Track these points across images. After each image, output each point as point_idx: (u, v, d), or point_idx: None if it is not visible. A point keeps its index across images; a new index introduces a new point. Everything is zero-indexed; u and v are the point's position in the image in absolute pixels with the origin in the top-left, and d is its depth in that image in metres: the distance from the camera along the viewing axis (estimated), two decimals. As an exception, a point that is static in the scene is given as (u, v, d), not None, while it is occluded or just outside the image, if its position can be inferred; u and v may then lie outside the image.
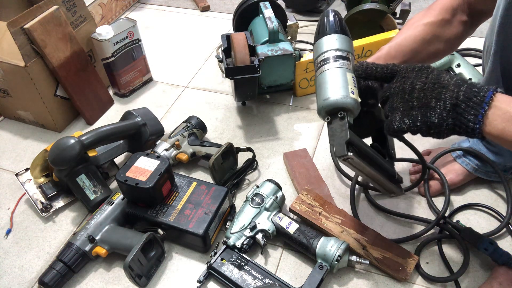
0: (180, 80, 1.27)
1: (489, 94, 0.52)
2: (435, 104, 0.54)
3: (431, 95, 0.54)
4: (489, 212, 0.85)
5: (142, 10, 1.65)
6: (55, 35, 0.99)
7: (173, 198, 0.82)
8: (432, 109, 0.54)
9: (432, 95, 0.54)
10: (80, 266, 0.77)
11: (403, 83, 0.57)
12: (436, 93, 0.54)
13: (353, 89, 0.60)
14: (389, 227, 0.83)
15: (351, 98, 0.59)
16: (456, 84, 0.54)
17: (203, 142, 0.97)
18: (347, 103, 0.59)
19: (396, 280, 0.75)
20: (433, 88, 0.55)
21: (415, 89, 0.56)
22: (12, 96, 1.06)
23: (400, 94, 0.57)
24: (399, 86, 0.57)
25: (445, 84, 0.54)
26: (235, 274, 0.73)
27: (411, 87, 0.56)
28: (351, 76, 0.60)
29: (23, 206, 0.92)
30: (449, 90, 0.54)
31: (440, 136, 0.56)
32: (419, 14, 0.78)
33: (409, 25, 0.77)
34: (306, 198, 0.83)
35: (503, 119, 0.51)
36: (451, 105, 0.53)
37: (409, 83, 0.57)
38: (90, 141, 0.84)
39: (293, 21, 1.17)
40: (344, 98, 0.58)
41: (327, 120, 0.61)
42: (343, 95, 0.58)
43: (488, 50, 0.72)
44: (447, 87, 0.54)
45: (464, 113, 0.52)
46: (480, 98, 0.52)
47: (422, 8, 1.51)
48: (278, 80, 1.10)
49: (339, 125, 0.60)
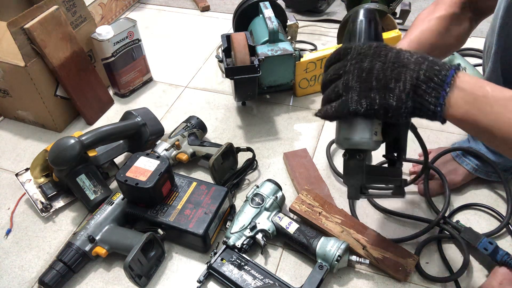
0: (180, 80, 1.27)
1: (450, 73, 0.48)
2: (394, 86, 0.50)
3: (390, 75, 0.50)
4: (489, 212, 0.85)
5: (142, 10, 1.65)
6: (55, 35, 0.99)
7: (173, 198, 0.82)
8: (391, 91, 0.50)
9: (391, 75, 0.50)
10: (80, 266, 0.77)
11: (360, 61, 0.52)
12: (395, 73, 0.50)
13: (377, 129, 0.57)
14: (389, 227, 0.83)
15: (373, 142, 0.56)
16: (416, 61, 0.49)
17: (203, 142, 0.97)
18: (368, 147, 0.57)
19: (396, 280, 0.75)
20: (393, 67, 0.50)
21: (374, 68, 0.51)
22: (12, 96, 1.06)
23: (357, 73, 0.52)
24: (355, 64, 0.52)
25: (405, 63, 0.50)
26: (235, 274, 0.73)
27: (370, 66, 0.51)
28: None
29: (23, 206, 0.92)
30: (409, 69, 0.49)
31: (398, 119, 0.51)
32: (428, 9, 0.75)
33: (421, 19, 0.74)
34: (306, 198, 0.83)
35: (465, 101, 0.48)
36: (411, 86, 0.49)
37: (368, 61, 0.51)
38: (90, 141, 0.84)
39: (293, 21, 1.17)
40: (366, 142, 0.56)
41: (345, 157, 0.61)
42: (366, 138, 0.56)
43: (488, 50, 0.72)
44: (407, 65, 0.50)
45: (424, 95, 0.49)
46: (441, 78, 0.48)
47: (422, 8, 1.51)
48: (278, 80, 1.10)
49: (356, 166, 0.59)
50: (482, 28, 1.21)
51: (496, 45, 0.68)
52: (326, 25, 1.46)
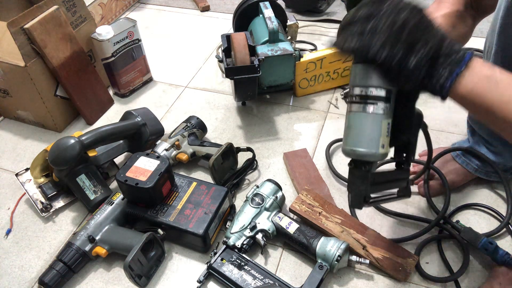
0: (180, 80, 1.27)
1: (468, 55, 0.50)
2: (419, 48, 0.50)
3: (419, 37, 0.50)
4: (489, 212, 0.85)
5: (142, 10, 1.65)
6: (55, 35, 0.99)
7: (173, 198, 0.82)
8: (415, 52, 0.50)
9: (421, 37, 0.50)
10: (80, 266, 0.77)
11: (397, 12, 0.50)
12: (425, 37, 0.50)
13: (385, 141, 0.56)
14: (389, 227, 0.83)
15: (379, 154, 0.56)
16: (443, 35, 0.50)
17: (203, 142, 0.97)
18: (375, 159, 0.57)
19: (396, 280, 0.75)
20: (425, 30, 0.50)
21: (408, 23, 0.50)
22: (12, 96, 1.06)
23: (389, 21, 0.50)
24: (390, 13, 0.51)
25: (434, 32, 0.50)
26: (235, 274, 0.73)
27: (405, 20, 0.50)
28: (386, 124, 0.56)
29: (23, 206, 0.92)
30: (436, 39, 0.50)
31: (399, 84, 0.51)
32: (431, 7, 0.74)
33: None
34: (306, 198, 0.83)
35: (473, 79, 0.49)
36: (433, 54, 0.49)
37: (404, 14, 0.50)
38: (90, 141, 0.84)
39: (293, 21, 1.17)
40: (373, 154, 0.55)
41: (350, 166, 0.60)
42: (373, 150, 0.55)
43: (488, 51, 0.72)
44: (435, 35, 0.50)
45: (439, 67, 0.49)
46: (459, 56, 0.49)
47: (422, 8, 1.51)
48: (278, 80, 1.10)
49: (361, 177, 0.59)
50: (482, 28, 1.21)
51: (497, 45, 0.69)
52: (326, 25, 1.46)
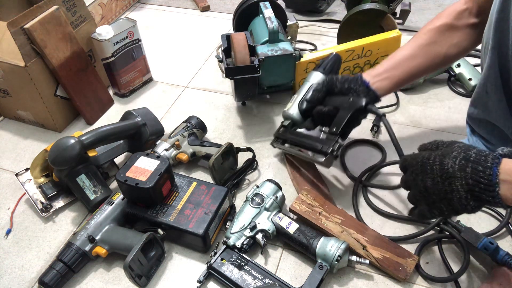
0: (180, 80, 1.27)
1: (494, 173, 0.51)
2: (451, 196, 0.55)
3: (443, 189, 0.56)
4: (489, 212, 0.85)
5: (142, 10, 1.65)
6: (55, 35, 0.99)
7: (173, 198, 0.82)
8: (451, 200, 0.56)
9: (444, 188, 0.56)
10: (80, 266, 0.77)
11: (415, 179, 0.60)
12: (447, 185, 0.55)
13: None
14: (389, 227, 0.83)
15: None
16: (460, 168, 0.54)
17: (203, 142, 0.97)
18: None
19: (396, 280, 0.75)
20: (442, 180, 0.56)
21: (427, 185, 0.58)
22: (12, 96, 1.06)
23: (418, 190, 0.60)
24: (413, 181, 0.60)
25: (450, 173, 0.55)
26: (235, 274, 0.73)
27: (424, 185, 0.58)
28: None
29: (23, 206, 0.92)
30: (456, 178, 0.54)
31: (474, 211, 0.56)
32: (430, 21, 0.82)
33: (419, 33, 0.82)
34: (306, 198, 0.83)
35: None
36: (465, 191, 0.54)
37: (420, 179, 0.59)
38: (90, 141, 0.84)
39: (293, 21, 1.17)
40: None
41: None
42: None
43: (486, 46, 0.72)
44: (453, 175, 0.54)
45: (481, 195, 0.53)
46: (487, 178, 0.52)
47: (422, 8, 1.51)
48: (278, 80, 1.10)
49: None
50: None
51: (493, 40, 0.69)
52: (326, 25, 1.46)
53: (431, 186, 0.57)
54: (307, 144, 0.84)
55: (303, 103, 0.87)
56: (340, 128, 0.78)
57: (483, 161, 0.52)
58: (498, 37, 0.68)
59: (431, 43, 0.78)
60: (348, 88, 0.79)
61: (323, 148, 0.79)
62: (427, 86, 1.16)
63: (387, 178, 0.93)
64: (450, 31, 0.78)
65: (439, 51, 0.79)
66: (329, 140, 0.80)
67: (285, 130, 0.93)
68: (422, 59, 0.79)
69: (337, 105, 0.79)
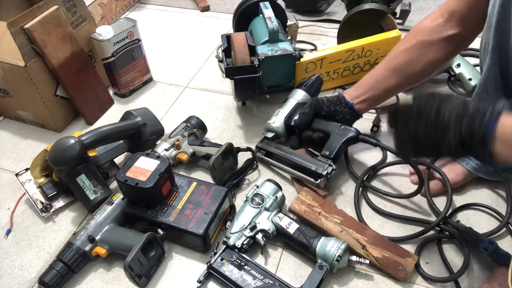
0: (180, 80, 1.27)
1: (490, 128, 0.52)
2: (441, 146, 0.56)
3: (435, 138, 0.56)
4: (489, 212, 0.85)
5: (142, 10, 1.65)
6: (55, 35, 0.99)
7: (173, 198, 0.82)
8: (440, 149, 0.57)
9: (437, 137, 0.56)
10: (80, 266, 0.77)
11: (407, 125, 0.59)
12: (439, 135, 0.56)
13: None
14: (389, 227, 0.83)
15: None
16: (456, 121, 0.54)
17: (203, 142, 0.97)
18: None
19: (396, 280, 0.75)
20: (436, 130, 0.56)
21: (419, 132, 0.58)
22: (12, 96, 1.06)
23: (407, 135, 0.60)
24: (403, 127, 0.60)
25: (444, 124, 0.55)
26: (235, 274, 0.73)
27: (415, 132, 0.58)
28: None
29: (23, 206, 0.92)
30: (450, 131, 0.55)
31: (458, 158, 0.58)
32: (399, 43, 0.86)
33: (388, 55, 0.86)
34: (306, 198, 0.83)
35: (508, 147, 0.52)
36: (456, 144, 0.54)
37: (412, 126, 0.58)
38: (90, 141, 0.84)
39: (293, 21, 1.17)
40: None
41: None
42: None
43: (485, 47, 0.73)
44: (447, 127, 0.55)
45: (470, 148, 0.54)
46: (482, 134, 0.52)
47: (422, 8, 1.51)
48: (278, 80, 1.10)
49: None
50: (482, 28, 1.21)
51: (494, 41, 0.69)
52: (326, 25, 1.46)
53: (423, 133, 0.57)
54: (299, 162, 0.89)
55: (289, 118, 0.95)
56: (333, 153, 0.85)
57: (481, 115, 0.53)
58: (499, 38, 0.68)
59: (407, 63, 0.83)
60: (335, 111, 0.88)
61: (318, 170, 0.85)
62: (427, 86, 1.16)
63: (388, 178, 0.93)
64: (425, 47, 0.81)
65: (414, 70, 0.83)
66: (323, 163, 0.86)
67: (268, 143, 0.97)
68: (398, 79, 0.85)
69: (327, 130, 0.88)
